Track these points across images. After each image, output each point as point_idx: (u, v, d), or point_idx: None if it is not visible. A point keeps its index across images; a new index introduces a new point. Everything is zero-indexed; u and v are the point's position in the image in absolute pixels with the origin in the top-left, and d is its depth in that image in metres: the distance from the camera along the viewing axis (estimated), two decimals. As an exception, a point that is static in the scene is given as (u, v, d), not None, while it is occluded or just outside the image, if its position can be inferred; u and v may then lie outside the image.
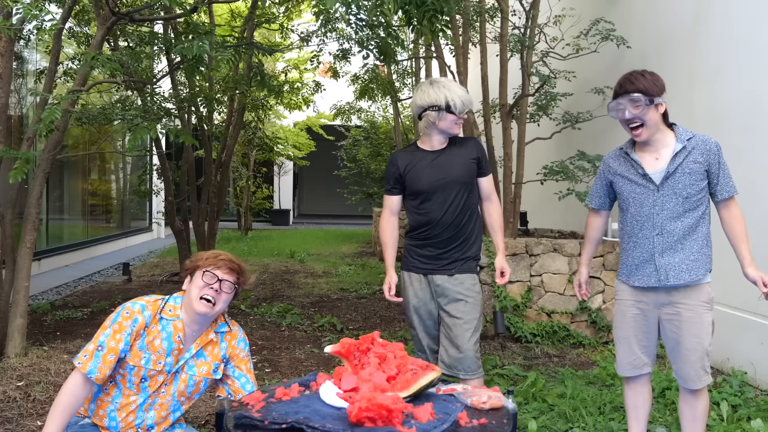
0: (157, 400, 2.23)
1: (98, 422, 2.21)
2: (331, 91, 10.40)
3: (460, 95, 2.92)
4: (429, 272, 2.99)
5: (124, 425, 2.20)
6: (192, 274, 2.28)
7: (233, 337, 2.35)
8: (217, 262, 2.26)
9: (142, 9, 5.61)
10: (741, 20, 4.50)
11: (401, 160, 3.06)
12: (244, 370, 2.33)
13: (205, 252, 2.33)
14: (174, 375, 2.24)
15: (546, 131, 6.48)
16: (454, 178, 2.95)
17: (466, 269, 2.97)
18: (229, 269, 2.26)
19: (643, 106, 2.57)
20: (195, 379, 2.28)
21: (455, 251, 2.97)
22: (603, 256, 5.23)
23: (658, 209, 2.66)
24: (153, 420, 2.24)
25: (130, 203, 12.61)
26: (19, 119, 7.81)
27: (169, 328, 2.22)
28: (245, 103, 8.17)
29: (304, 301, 6.85)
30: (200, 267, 2.26)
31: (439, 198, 2.96)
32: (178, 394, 2.26)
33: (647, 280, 2.69)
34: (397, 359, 1.98)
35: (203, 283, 2.22)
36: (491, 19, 6.53)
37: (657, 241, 2.67)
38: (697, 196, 2.64)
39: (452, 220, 2.96)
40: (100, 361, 2.12)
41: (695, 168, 2.63)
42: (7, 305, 4.40)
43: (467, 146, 3.04)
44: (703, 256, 2.66)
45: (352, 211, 16.57)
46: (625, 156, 2.76)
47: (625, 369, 2.81)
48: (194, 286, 2.24)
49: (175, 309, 2.25)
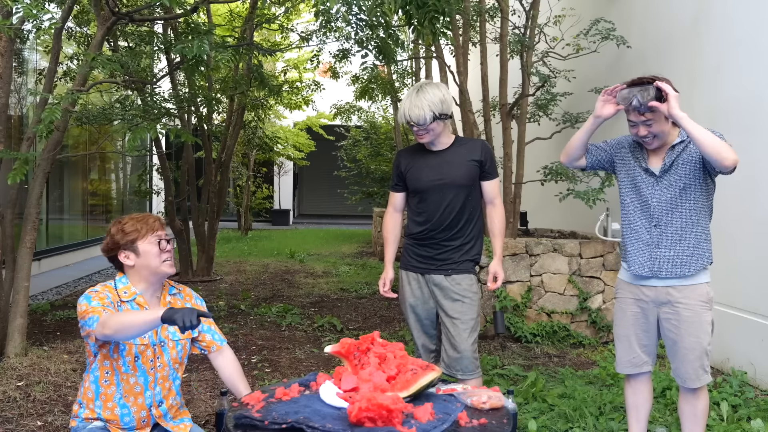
0: (157, 375, 2.25)
1: (109, 416, 2.20)
2: (331, 91, 10.39)
3: (406, 108, 2.87)
4: (426, 271, 2.99)
5: (136, 409, 2.21)
6: (131, 248, 2.24)
7: (190, 296, 2.41)
8: (152, 226, 2.28)
9: (142, 9, 5.61)
10: (741, 20, 4.50)
11: (404, 158, 3.08)
12: (208, 322, 2.39)
13: (125, 222, 2.28)
14: (161, 346, 2.26)
15: (546, 131, 6.48)
16: (452, 179, 2.93)
17: (464, 270, 2.96)
18: (162, 227, 2.32)
19: (652, 100, 2.47)
20: (182, 343, 2.31)
21: (453, 252, 2.96)
22: (603, 256, 5.23)
23: (656, 200, 2.66)
24: (161, 395, 2.26)
25: (130, 203, 12.60)
26: (19, 119, 7.81)
27: (134, 306, 2.25)
28: (245, 103, 8.18)
29: (304, 301, 6.85)
30: (140, 238, 2.24)
31: (436, 198, 2.95)
32: (172, 362, 2.29)
33: (641, 268, 2.70)
34: (397, 359, 1.98)
35: (158, 249, 2.25)
36: (491, 19, 6.53)
37: (654, 232, 2.67)
38: (696, 188, 2.63)
39: (449, 221, 2.95)
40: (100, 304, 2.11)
41: (691, 158, 2.61)
42: (7, 305, 4.40)
43: (471, 148, 3.01)
44: (700, 251, 2.65)
45: (352, 211, 16.58)
46: (632, 145, 2.77)
47: (624, 367, 2.82)
48: (149, 256, 2.24)
49: (128, 289, 2.26)
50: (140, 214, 2.36)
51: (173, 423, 2.31)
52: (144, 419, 2.24)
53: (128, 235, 2.24)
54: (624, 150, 2.80)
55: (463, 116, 6.01)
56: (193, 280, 7.92)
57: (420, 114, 2.84)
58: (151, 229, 2.27)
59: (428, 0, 3.73)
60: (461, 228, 2.97)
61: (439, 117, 2.88)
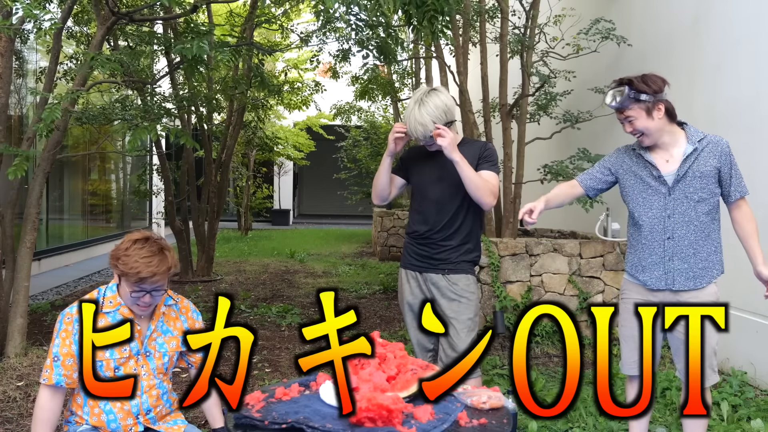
0: (143, 384, 2.23)
1: (96, 423, 2.20)
2: (331, 91, 10.39)
3: (411, 124, 2.84)
4: (424, 270, 2.98)
5: (122, 415, 2.20)
6: (118, 274, 2.17)
7: (187, 309, 2.37)
8: (145, 275, 2.11)
9: (142, 9, 5.61)
10: (741, 20, 4.50)
11: (412, 151, 3.10)
12: None
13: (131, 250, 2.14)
14: (146, 356, 2.24)
15: (546, 131, 6.48)
16: (452, 180, 2.91)
17: (461, 270, 2.95)
18: (159, 278, 2.15)
19: (626, 99, 2.57)
20: (169, 354, 2.28)
21: (451, 252, 2.95)
22: (603, 256, 5.23)
23: (669, 213, 2.64)
24: (148, 403, 2.23)
25: (130, 203, 12.60)
26: (19, 119, 7.81)
27: (117, 317, 2.19)
28: (245, 103, 8.18)
29: (304, 301, 6.85)
30: (125, 277, 2.14)
31: (434, 197, 2.95)
32: (158, 372, 2.26)
33: (656, 282, 2.68)
34: (397, 359, 1.98)
35: (131, 299, 2.17)
36: (491, 19, 6.53)
37: (668, 245, 2.65)
38: (710, 200, 2.63)
39: (446, 220, 2.94)
40: (62, 368, 2.14)
41: (706, 171, 2.61)
42: (7, 305, 4.40)
43: (474, 149, 2.98)
44: (712, 263, 2.65)
45: (352, 211, 16.56)
46: (638, 156, 2.74)
47: (630, 368, 2.80)
48: (124, 293, 2.18)
49: (114, 299, 2.21)
50: (153, 250, 2.16)
51: (167, 425, 2.30)
52: (131, 427, 2.22)
53: (121, 264, 2.13)
54: (628, 161, 2.78)
55: (463, 116, 6.00)
56: (193, 280, 7.92)
57: (424, 132, 2.83)
58: (139, 279, 2.11)
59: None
60: (459, 228, 2.96)
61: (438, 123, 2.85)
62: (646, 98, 2.58)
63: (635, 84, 2.58)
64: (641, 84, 2.58)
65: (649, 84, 2.58)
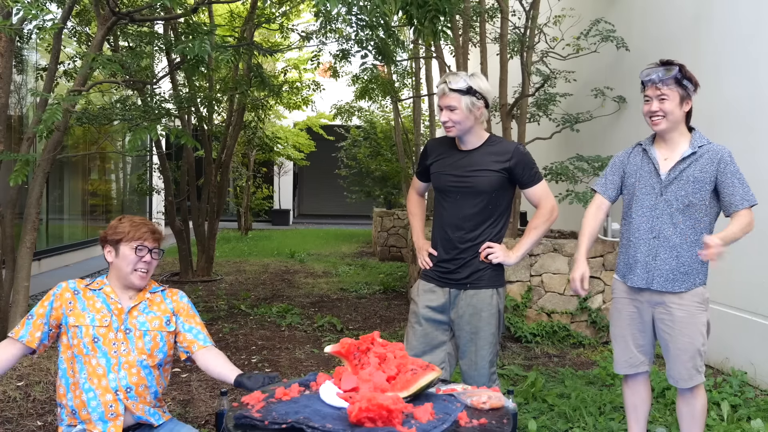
0: (122, 360, 2.22)
1: (78, 405, 2.19)
2: (331, 91, 10.38)
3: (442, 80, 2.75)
4: (445, 284, 2.77)
5: (101, 391, 2.18)
6: (115, 246, 2.29)
7: (174, 293, 2.41)
8: (142, 234, 2.28)
9: (143, 9, 5.61)
10: (741, 20, 4.50)
11: (432, 149, 2.86)
12: (194, 323, 2.36)
13: (122, 221, 2.32)
14: (126, 333, 2.25)
15: (546, 131, 6.48)
16: (473, 184, 2.68)
17: (483, 285, 2.73)
18: (153, 239, 2.31)
19: (672, 78, 2.57)
20: (150, 334, 2.28)
21: (471, 261, 2.73)
22: (603, 256, 5.23)
23: (658, 213, 2.66)
24: (127, 380, 2.22)
25: (131, 203, 12.60)
26: (19, 119, 7.81)
27: (101, 295, 2.29)
28: (245, 103, 8.18)
29: (304, 301, 6.85)
30: (124, 240, 2.27)
31: (454, 200, 2.73)
32: (138, 351, 2.26)
33: (637, 280, 2.71)
34: (397, 359, 1.98)
35: (136, 257, 2.27)
36: (491, 20, 6.53)
37: (653, 243, 2.67)
38: (701, 207, 2.62)
39: (464, 226, 2.72)
40: (31, 326, 2.26)
41: (700, 177, 2.61)
42: (7, 305, 4.40)
43: (501, 152, 2.69)
44: (695, 270, 2.64)
45: (352, 211, 16.57)
46: (643, 152, 2.77)
47: (622, 367, 2.82)
48: (124, 260, 2.27)
49: (102, 282, 2.32)
50: (142, 219, 2.35)
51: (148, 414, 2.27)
52: (111, 404, 2.19)
53: (117, 233, 2.28)
54: (634, 157, 2.79)
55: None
56: (193, 280, 7.93)
57: (455, 80, 2.63)
58: (139, 236, 2.27)
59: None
60: (479, 236, 2.72)
61: (474, 94, 2.63)
62: (689, 85, 2.61)
63: (684, 70, 2.60)
64: (689, 72, 2.61)
65: (693, 77, 2.63)
